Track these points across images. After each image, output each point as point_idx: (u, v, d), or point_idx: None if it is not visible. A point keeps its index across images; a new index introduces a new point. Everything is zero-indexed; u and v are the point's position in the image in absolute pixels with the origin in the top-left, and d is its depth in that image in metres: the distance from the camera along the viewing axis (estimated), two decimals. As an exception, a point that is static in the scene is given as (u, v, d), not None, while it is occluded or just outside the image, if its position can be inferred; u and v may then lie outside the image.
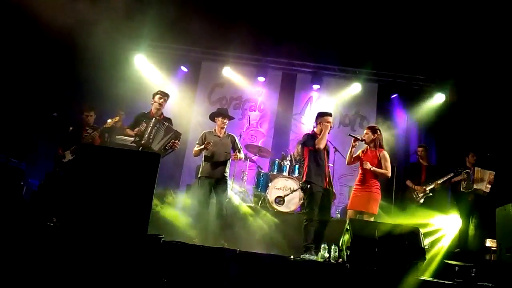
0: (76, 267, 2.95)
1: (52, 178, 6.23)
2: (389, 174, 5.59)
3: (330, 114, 5.63)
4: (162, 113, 5.99)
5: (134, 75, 9.18)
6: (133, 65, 9.28)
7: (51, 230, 4.10)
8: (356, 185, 5.58)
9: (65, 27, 6.72)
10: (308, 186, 5.30)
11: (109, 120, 6.13)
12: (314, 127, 5.69)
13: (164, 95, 5.96)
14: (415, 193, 7.08)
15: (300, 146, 6.60)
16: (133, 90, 8.83)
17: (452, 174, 6.96)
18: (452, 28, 7.43)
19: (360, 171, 5.65)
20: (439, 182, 6.93)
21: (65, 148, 6.42)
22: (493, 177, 6.81)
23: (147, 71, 9.36)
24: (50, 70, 7.63)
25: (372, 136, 5.60)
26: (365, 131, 5.71)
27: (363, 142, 5.64)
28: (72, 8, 6.68)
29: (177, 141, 5.77)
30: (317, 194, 5.30)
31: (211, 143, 5.89)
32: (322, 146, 5.42)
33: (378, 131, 5.66)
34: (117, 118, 6.15)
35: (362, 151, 5.70)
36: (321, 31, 7.97)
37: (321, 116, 5.62)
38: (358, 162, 5.67)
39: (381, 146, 5.65)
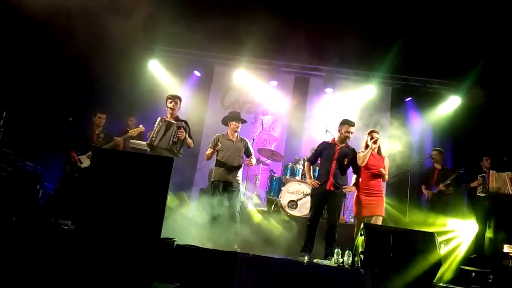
0: (90, 271, 2.98)
1: (67, 182, 6.33)
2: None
3: (352, 124, 5.65)
4: (177, 116, 5.96)
5: (149, 80, 9.29)
6: (148, 71, 9.38)
7: (66, 233, 4.15)
8: (363, 189, 5.64)
9: (81, 32, 6.83)
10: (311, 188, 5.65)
11: (131, 131, 6.41)
12: (338, 131, 5.74)
13: (174, 98, 5.91)
14: (426, 197, 7.07)
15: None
16: (148, 95, 8.94)
17: (454, 175, 6.93)
18: (466, 30, 7.33)
19: (362, 175, 5.68)
20: (443, 184, 6.94)
21: (77, 151, 6.54)
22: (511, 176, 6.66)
23: (161, 76, 9.46)
24: (66, 76, 7.74)
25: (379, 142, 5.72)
26: (375, 135, 5.72)
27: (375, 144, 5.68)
28: (87, 13, 6.77)
29: (180, 130, 5.69)
30: (314, 196, 5.57)
31: (219, 145, 5.94)
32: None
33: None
34: (142, 128, 6.42)
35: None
36: (333, 34, 7.94)
37: (343, 124, 5.69)
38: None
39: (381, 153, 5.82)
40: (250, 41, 8.14)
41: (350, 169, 5.80)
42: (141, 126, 6.42)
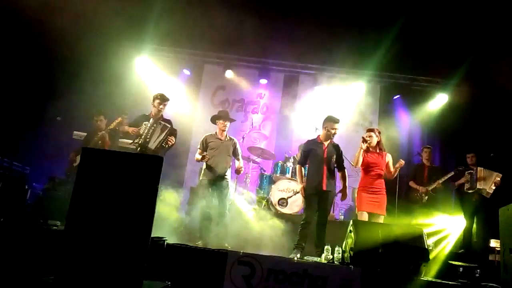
0: (80, 271, 2.97)
1: (55, 182, 6.29)
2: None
3: (337, 121, 5.61)
4: (161, 115, 6.00)
5: (137, 79, 9.22)
6: (136, 69, 9.31)
7: (55, 234, 4.13)
8: (365, 188, 5.65)
9: (68, 30, 6.77)
10: (303, 189, 5.54)
11: (112, 124, 6.31)
12: (323, 128, 5.68)
13: (164, 101, 5.95)
14: (418, 193, 7.10)
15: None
16: (136, 94, 8.88)
17: (452, 173, 6.99)
18: (453, 28, 7.41)
19: (363, 173, 5.71)
20: (440, 181, 6.99)
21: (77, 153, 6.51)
22: (499, 179, 6.74)
23: (150, 75, 9.39)
24: (53, 74, 7.66)
25: (377, 139, 5.71)
26: (369, 133, 5.75)
27: (369, 144, 5.69)
28: (75, 11, 6.72)
29: (172, 137, 5.78)
30: (309, 197, 5.48)
31: (208, 157, 5.92)
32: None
33: (380, 134, 5.77)
34: (119, 119, 6.25)
35: (365, 152, 5.74)
36: (322, 32, 7.97)
37: (328, 121, 5.63)
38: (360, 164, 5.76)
39: (384, 149, 5.80)
40: (240, 39, 8.13)
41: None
42: (118, 119, 6.31)
